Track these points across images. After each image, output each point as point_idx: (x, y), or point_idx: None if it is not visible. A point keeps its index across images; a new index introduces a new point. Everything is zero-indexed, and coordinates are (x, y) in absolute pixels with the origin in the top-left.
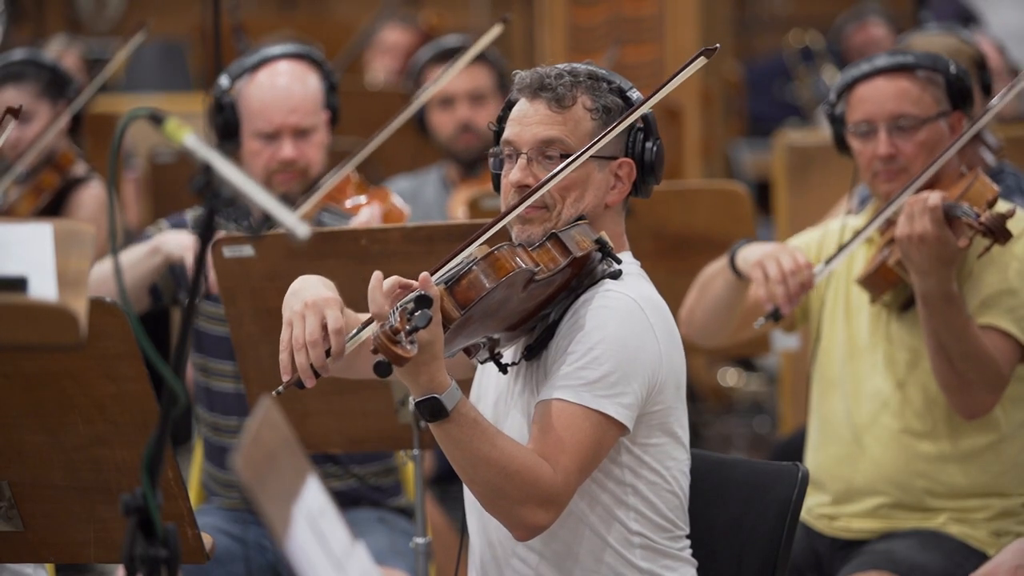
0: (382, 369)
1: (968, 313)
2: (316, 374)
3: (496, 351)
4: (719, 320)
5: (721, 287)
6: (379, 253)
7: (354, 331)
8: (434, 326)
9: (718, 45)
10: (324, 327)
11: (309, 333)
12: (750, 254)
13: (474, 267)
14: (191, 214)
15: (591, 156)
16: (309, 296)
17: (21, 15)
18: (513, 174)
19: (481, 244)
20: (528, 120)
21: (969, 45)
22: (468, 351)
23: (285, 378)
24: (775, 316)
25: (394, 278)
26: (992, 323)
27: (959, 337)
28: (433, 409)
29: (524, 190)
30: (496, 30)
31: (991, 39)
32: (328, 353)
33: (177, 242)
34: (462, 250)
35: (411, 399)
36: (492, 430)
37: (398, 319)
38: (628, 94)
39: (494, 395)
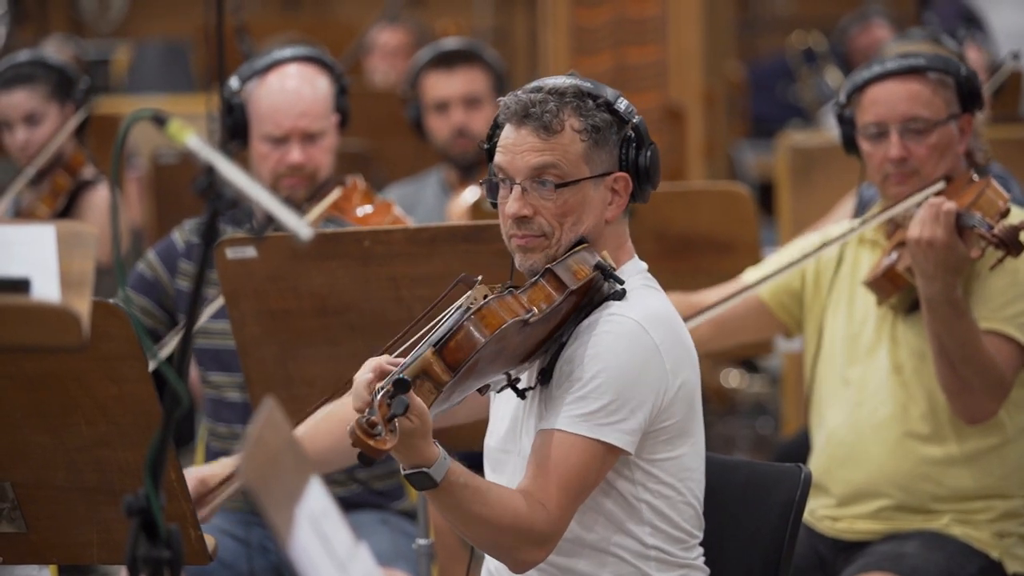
0: (364, 460)
1: (973, 319)
2: None
3: (513, 377)
4: None
5: None
6: (382, 255)
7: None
8: (415, 409)
9: (480, 277)
10: None
11: None
12: None
13: (464, 323)
14: (178, 234)
15: (585, 177)
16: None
17: (24, 16)
18: (510, 206)
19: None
20: (517, 148)
21: (947, 51)
22: (479, 391)
23: None
24: None
25: (375, 367)
26: (997, 329)
27: (962, 342)
28: (422, 481)
29: (522, 221)
30: (336, 193)
31: (975, 43)
32: None
33: None
34: (423, 320)
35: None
36: (483, 488)
37: (378, 407)
38: (616, 106)
39: (511, 418)
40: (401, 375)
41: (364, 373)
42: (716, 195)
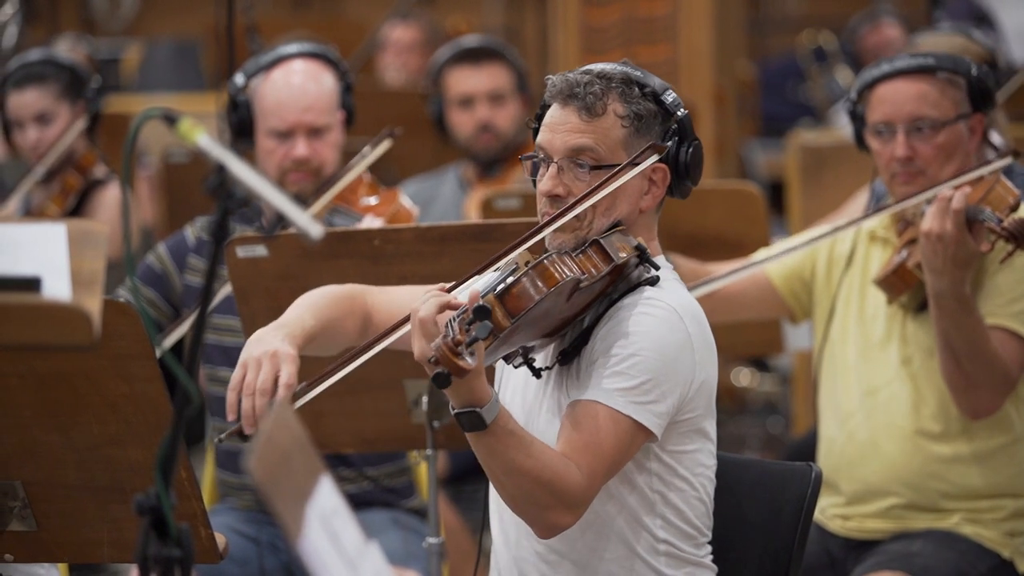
0: (441, 381)
1: (980, 315)
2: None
3: (529, 356)
4: None
5: None
6: (392, 253)
7: (303, 385)
8: (480, 343)
9: (669, 144)
10: (277, 380)
11: (261, 381)
12: None
13: (523, 277)
14: (189, 230)
15: (622, 166)
16: (270, 347)
17: (35, 15)
18: (543, 183)
19: (519, 253)
20: (559, 127)
21: (978, 44)
22: (506, 358)
23: (230, 417)
24: None
25: (442, 300)
26: (1004, 324)
27: (969, 339)
28: (473, 422)
29: (554, 199)
30: (385, 145)
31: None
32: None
33: None
34: (491, 264)
35: (451, 408)
36: (527, 439)
37: (457, 331)
38: (663, 97)
39: (521, 396)
40: (481, 302)
41: (429, 304)
42: (726, 194)
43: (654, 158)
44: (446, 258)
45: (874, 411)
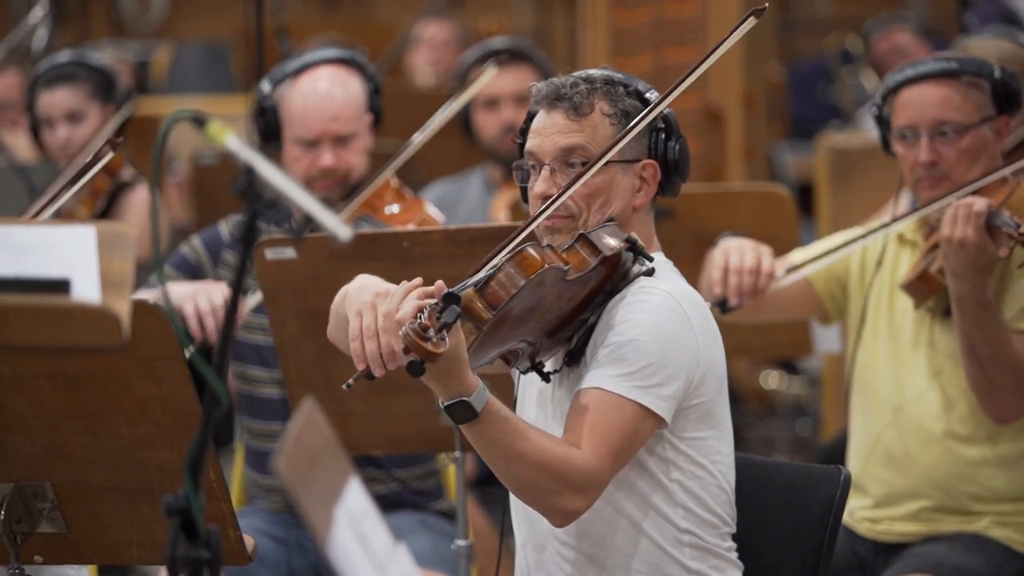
0: (415, 368)
1: (1003, 319)
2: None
3: (537, 360)
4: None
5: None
6: (421, 255)
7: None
8: (456, 330)
9: (767, 4)
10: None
11: (383, 320)
12: (729, 242)
13: (502, 267)
14: (224, 225)
15: (614, 160)
16: (378, 287)
17: (65, 17)
18: (538, 186)
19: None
20: (547, 131)
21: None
22: (507, 359)
23: (360, 367)
24: (721, 305)
25: (417, 290)
26: None
27: (991, 343)
28: (462, 412)
29: None
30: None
31: None
32: None
33: (177, 293)
34: (487, 262)
35: (440, 403)
36: (523, 425)
37: (426, 318)
38: (646, 96)
39: (536, 403)
40: (450, 290)
41: (391, 300)
42: (755, 196)
43: (752, 21)
44: (476, 260)
45: (904, 414)
